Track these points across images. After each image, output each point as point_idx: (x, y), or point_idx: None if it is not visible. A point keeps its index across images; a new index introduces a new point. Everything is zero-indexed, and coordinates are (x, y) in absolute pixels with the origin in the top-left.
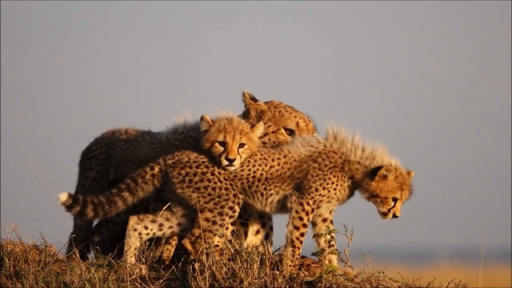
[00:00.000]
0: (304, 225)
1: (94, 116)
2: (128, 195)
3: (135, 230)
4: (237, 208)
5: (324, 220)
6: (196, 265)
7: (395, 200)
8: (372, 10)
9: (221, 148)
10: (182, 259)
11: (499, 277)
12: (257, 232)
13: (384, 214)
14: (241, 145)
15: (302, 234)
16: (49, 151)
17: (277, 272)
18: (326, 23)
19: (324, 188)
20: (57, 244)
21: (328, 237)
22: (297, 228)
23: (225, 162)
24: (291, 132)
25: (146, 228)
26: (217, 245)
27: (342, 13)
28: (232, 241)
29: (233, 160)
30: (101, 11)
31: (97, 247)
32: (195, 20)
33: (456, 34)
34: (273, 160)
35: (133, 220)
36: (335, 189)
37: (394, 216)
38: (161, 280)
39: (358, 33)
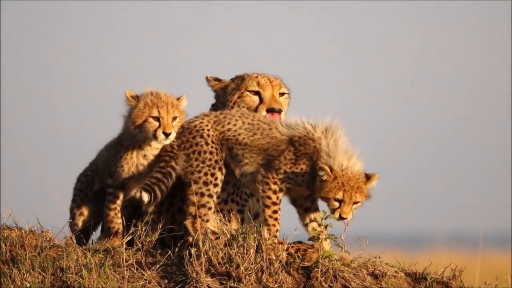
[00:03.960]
0: (274, 203)
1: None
2: (174, 163)
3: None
4: (219, 175)
5: (306, 209)
6: (193, 250)
7: (338, 201)
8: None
9: (156, 123)
10: (179, 244)
11: (496, 263)
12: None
13: (331, 213)
14: (174, 119)
15: (274, 212)
16: (45, 137)
17: (274, 257)
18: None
19: (292, 173)
20: (53, 229)
21: (316, 224)
22: (267, 206)
23: (162, 136)
24: (255, 93)
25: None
26: (213, 232)
27: (342, 12)
28: (229, 226)
29: (170, 134)
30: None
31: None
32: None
33: (455, 33)
34: (258, 129)
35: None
36: (303, 175)
37: (341, 217)
38: (158, 266)
39: (360, 33)
